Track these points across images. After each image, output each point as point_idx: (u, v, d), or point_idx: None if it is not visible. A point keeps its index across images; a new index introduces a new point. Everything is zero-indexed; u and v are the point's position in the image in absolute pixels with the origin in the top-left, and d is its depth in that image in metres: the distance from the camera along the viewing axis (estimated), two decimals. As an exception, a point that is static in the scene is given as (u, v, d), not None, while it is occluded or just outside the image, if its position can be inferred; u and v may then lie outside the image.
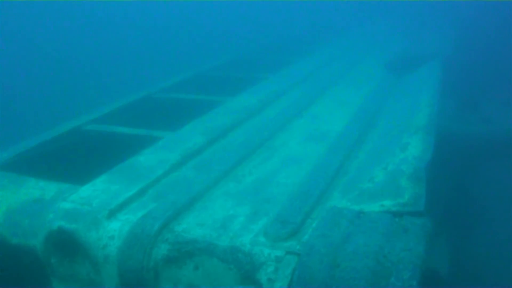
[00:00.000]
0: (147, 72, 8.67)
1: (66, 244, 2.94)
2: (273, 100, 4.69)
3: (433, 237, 2.71)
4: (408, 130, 3.62)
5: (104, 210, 2.93)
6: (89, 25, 11.16)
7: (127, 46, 10.86)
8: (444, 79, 5.69)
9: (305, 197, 2.81)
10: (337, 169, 3.18)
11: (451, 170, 5.62)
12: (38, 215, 3.10)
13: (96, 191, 3.17)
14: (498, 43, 7.20)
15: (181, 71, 6.38)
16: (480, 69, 6.76)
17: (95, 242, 2.82)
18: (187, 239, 2.62)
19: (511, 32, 7.53)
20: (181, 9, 11.99)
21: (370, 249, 2.34)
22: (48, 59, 9.96)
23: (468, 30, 8.06)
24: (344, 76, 5.62)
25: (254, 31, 10.15)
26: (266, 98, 4.70)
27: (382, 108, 4.40)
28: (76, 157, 4.25)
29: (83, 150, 4.31)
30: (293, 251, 2.41)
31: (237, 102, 4.65)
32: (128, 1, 11.50)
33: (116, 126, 4.40)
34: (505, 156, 6.05)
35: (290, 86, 5.18)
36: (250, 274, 2.40)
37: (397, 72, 5.58)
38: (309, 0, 10.48)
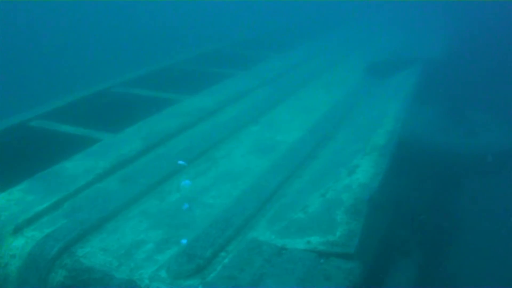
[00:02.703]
0: (120, 62, 8.33)
1: (-29, 258, 2.69)
2: (232, 102, 4.35)
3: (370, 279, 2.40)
4: (363, 149, 3.27)
5: (11, 224, 2.67)
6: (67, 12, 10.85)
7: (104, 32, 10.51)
8: (427, 86, 5.30)
9: (225, 225, 2.51)
10: (273, 192, 2.86)
11: (431, 186, 5.26)
12: None
13: (10, 201, 2.92)
14: (492, 49, 6.75)
15: (154, 62, 6.05)
16: (470, 75, 6.33)
17: None
18: (84, 266, 2.35)
19: (506, 38, 7.07)
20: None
21: (278, 297, 2.04)
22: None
23: (461, 33, 7.60)
24: (318, 77, 5.25)
25: (236, 24, 9.72)
26: (225, 99, 4.36)
27: (348, 117, 4.05)
28: (13, 156, 3.98)
29: (22, 148, 4.04)
30: (193, 292, 2.11)
31: (193, 102, 4.32)
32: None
33: (62, 123, 4.13)
34: (490, 173, 5.68)
35: (256, 86, 4.83)
36: None
37: (376, 76, 5.18)
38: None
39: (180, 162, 2.42)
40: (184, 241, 2.32)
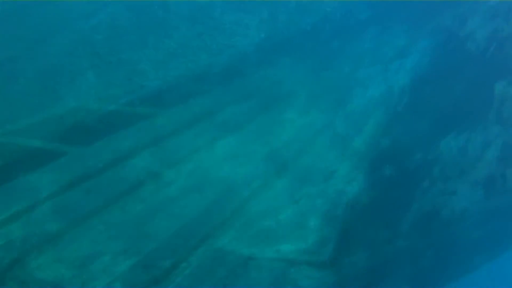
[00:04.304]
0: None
1: None
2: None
3: None
4: (343, 154, 3.13)
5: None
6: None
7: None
8: (413, 97, 5.22)
9: (188, 235, 2.35)
10: (246, 199, 2.71)
11: (421, 195, 5.14)
12: None
13: None
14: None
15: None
16: (459, 87, 6.25)
17: None
18: (36, 278, 2.19)
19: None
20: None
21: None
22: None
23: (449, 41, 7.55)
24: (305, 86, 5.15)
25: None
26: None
27: (328, 125, 3.93)
28: None
29: None
30: (147, 305, 1.95)
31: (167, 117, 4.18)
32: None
33: (31, 139, 3.98)
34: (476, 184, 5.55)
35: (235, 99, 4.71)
36: None
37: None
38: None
39: None
40: None
